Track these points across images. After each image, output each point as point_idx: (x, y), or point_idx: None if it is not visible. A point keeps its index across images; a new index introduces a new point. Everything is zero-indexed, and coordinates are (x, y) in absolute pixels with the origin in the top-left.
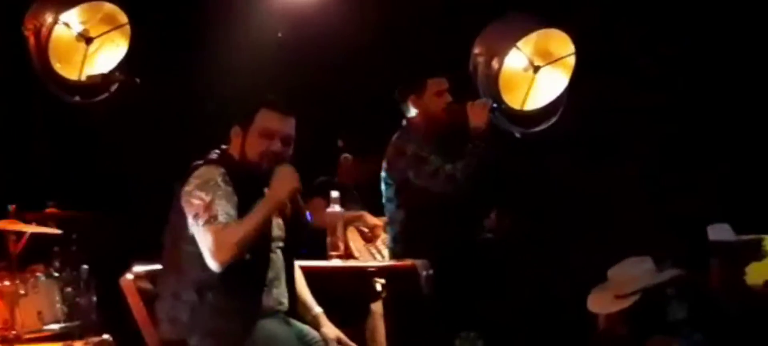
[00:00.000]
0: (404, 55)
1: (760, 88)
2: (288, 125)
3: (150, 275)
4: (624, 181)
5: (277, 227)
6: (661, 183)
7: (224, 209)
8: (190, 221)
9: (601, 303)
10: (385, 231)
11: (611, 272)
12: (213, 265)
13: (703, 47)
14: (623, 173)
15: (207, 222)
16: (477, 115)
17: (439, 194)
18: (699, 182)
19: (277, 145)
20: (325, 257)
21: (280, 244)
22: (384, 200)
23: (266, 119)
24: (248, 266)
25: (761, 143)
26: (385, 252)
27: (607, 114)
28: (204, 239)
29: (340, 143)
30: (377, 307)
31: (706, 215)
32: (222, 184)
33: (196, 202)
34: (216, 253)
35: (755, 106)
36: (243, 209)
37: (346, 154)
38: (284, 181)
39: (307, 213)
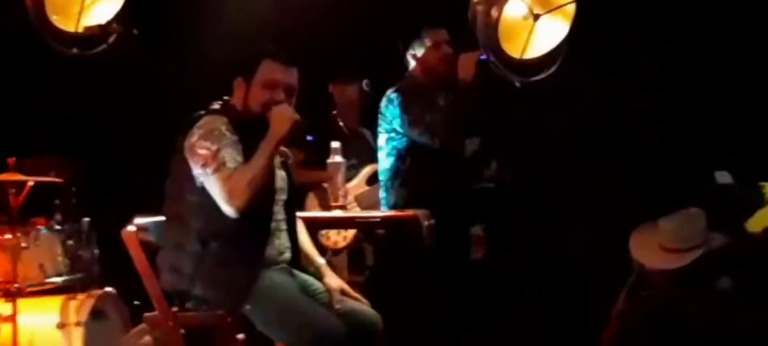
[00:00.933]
0: (401, 4)
1: (761, 87)
2: (291, 76)
3: (152, 227)
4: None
5: (280, 178)
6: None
7: (232, 156)
8: (198, 171)
9: (647, 252)
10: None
11: (663, 222)
12: (229, 211)
13: (703, 46)
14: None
15: (216, 170)
16: (464, 67)
17: (427, 145)
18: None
19: (280, 96)
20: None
21: (283, 196)
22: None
23: (269, 70)
24: (251, 217)
25: (762, 142)
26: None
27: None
28: (216, 186)
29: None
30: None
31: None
32: (227, 133)
33: (202, 152)
34: (230, 198)
35: (756, 105)
36: (247, 158)
37: (367, 80)
38: (282, 117)
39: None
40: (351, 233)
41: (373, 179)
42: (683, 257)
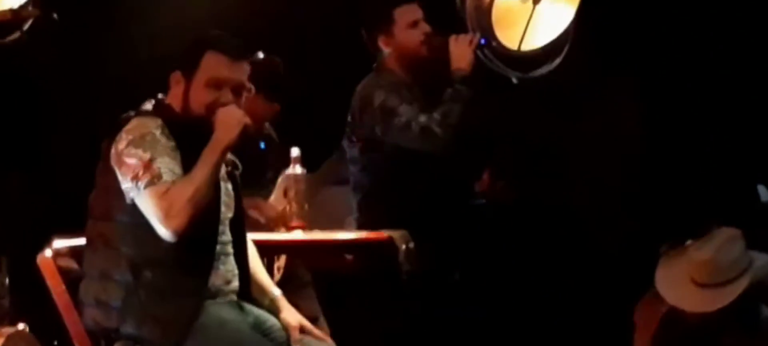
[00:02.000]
0: None
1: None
2: (239, 71)
3: (73, 251)
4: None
5: (225, 192)
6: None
7: (168, 166)
8: (128, 185)
9: (678, 290)
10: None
11: (694, 250)
12: (165, 233)
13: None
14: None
15: (150, 183)
16: (460, 53)
17: (414, 152)
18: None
19: (227, 96)
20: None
21: (229, 214)
22: (348, 161)
23: (214, 65)
24: (192, 240)
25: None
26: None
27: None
28: (149, 204)
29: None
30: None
31: None
32: (161, 138)
33: (132, 161)
34: (167, 218)
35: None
36: (187, 169)
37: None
38: (230, 120)
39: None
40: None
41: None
42: (722, 294)
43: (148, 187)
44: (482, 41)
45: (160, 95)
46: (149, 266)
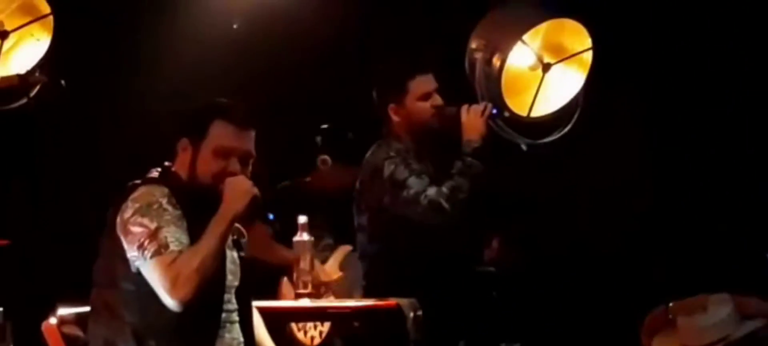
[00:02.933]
0: (382, 50)
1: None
2: (247, 140)
3: (78, 319)
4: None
5: (230, 261)
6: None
7: (174, 235)
8: (134, 253)
9: None
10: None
11: (682, 320)
12: (171, 303)
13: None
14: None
15: (156, 253)
16: (471, 124)
17: (421, 224)
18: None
19: (235, 166)
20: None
21: (235, 282)
22: (356, 228)
23: (221, 134)
24: (198, 309)
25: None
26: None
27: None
28: (155, 273)
29: (318, 141)
30: None
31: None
32: (168, 206)
33: (138, 230)
34: (173, 288)
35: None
36: (194, 238)
37: (326, 156)
38: (238, 191)
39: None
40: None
41: (346, 263)
42: None
43: (154, 256)
44: (494, 111)
45: (166, 163)
46: (153, 335)
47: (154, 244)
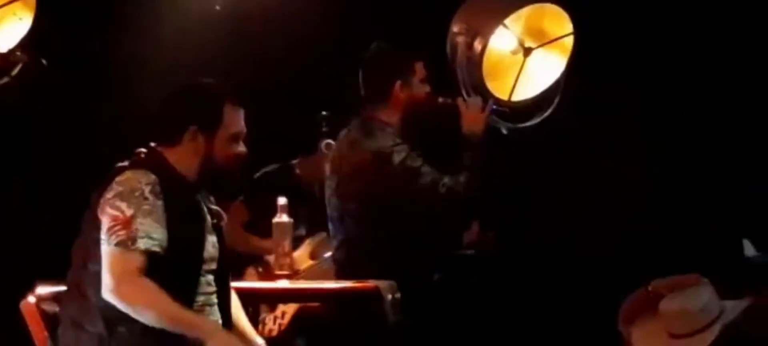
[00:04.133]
0: (363, 32)
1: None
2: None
3: (57, 297)
4: (625, 184)
5: (210, 244)
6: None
7: (147, 231)
8: (103, 235)
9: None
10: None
11: (665, 303)
12: (110, 297)
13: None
14: (623, 176)
15: (121, 243)
16: (473, 118)
17: (434, 212)
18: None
19: (242, 147)
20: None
21: (213, 266)
22: (333, 214)
23: (235, 119)
24: (170, 292)
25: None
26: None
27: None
28: (110, 260)
29: (321, 123)
30: None
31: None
32: (150, 196)
33: (113, 212)
34: (118, 285)
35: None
36: (172, 227)
37: (330, 141)
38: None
39: None
40: (290, 312)
41: (319, 252)
42: (697, 342)
43: (118, 245)
44: (494, 106)
45: (155, 145)
46: (123, 321)
47: (123, 233)
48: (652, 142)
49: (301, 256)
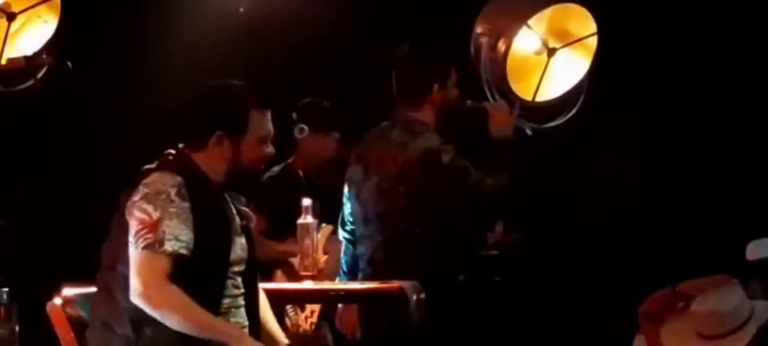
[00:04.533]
0: (385, 33)
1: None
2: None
3: (83, 299)
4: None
5: (239, 246)
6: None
7: (173, 233)
8: (131, 238)
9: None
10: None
11: (696, 304)
12: (137, 300)
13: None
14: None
15: (149, 246)
16: (502, 123)
17: (477, 210)
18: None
19: (270, 148)
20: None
21: (241, 267)
22: (369, 212)
23: (261, 122)
24: (197, 294)
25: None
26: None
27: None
28: (137, 264)
29: (294, 115)
30: None
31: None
32: (176, 198)
33: (140, 215)
34: (145, 289)
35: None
36: (199, 228)
37: (302, 125)
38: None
39: None
40: (317, 309)
41: (329, 246)
42: (730, 343)
43: (146, 249)
44: (520, 111)
45: (183, 146)
46: (150, 323)
47: (151, 236)
48: (656, 142)
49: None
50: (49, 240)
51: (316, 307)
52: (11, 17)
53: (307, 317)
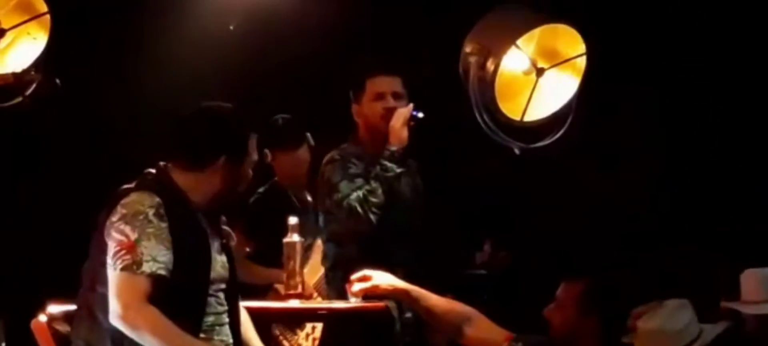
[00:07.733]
0: (378, 50)
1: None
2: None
3: (68, 316)
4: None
5: (220, 265)
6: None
7: (152, 254)
8: (109, 259)
9: None
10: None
11: (645, 324)
12: (116, 322)
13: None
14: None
15: (127, 268)
16: (395, 130)
17: (345, 229)
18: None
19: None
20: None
21: (222, 285)
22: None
23: (254, 147)
24: (179, 313)
25: None
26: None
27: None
28: (116, 286)
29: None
30: None
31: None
32: (154, 219)
33: (118, 236)
34: (125, 312)
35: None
36: (178, 248)
37: (266, 150)
38: None
39: None
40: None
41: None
42: None
43: (124, 270)
44: (415, 113)
45: (163, 163)
46: (131, 343)
47: (128, 257)
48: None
49: (314, 266)
50: (35, 257)
51: (318, 324)
52: (1, 34)
53: (309, 334)
